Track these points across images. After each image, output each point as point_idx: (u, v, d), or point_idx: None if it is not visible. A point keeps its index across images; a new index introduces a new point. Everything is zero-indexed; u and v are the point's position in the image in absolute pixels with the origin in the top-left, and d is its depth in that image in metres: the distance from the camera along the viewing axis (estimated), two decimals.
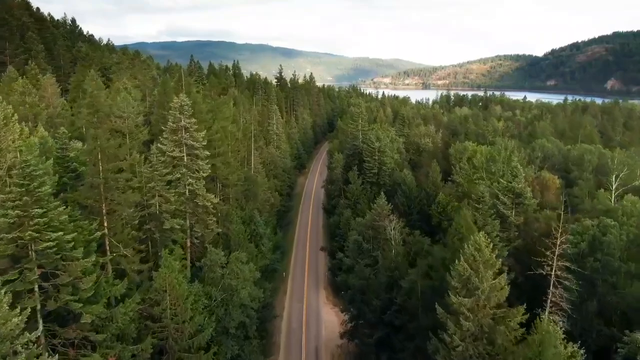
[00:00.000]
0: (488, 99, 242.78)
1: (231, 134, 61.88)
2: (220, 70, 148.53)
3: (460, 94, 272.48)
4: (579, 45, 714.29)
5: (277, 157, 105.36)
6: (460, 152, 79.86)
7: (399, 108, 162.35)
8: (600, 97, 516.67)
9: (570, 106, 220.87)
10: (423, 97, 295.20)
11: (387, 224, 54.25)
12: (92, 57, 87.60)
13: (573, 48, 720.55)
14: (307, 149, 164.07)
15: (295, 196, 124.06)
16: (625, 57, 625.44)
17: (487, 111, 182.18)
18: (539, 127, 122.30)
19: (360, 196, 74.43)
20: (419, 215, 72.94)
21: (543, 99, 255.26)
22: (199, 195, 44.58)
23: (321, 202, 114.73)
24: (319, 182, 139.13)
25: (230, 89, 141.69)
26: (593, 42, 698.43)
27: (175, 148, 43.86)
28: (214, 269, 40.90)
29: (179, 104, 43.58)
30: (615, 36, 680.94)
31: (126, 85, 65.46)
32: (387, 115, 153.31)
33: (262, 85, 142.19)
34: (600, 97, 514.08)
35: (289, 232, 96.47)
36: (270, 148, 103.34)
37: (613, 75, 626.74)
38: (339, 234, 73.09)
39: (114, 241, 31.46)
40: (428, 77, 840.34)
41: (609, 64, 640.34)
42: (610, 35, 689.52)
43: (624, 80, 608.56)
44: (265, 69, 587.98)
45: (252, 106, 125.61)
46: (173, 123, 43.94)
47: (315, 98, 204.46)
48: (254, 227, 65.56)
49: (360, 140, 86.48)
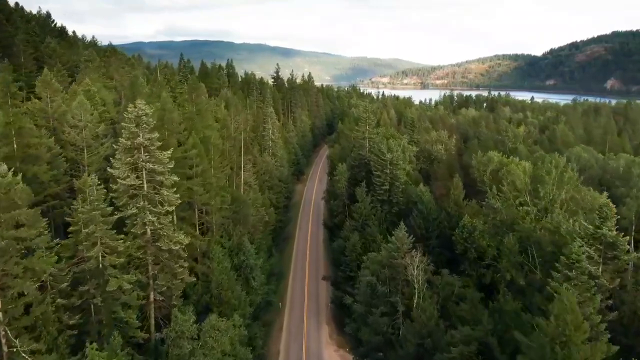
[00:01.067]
0: (493, 99, 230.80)
1: (215, 147, 49.98)
2: (213, 69, 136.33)
3: (462, 94, 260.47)
4: (578, 45, 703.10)
5: (273, 166, 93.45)
6: (484, 164, 68.20)
7: (403, 110, 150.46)
8: (600, 96, 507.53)
9: (579, 107, 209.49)
10: (425, 98, 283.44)
11: (408, 262, 42.54)
12: (60, 54, 75.40)
13: (572, 48, 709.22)
14: (305, 153, 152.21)
15: (293, 207, 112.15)
16: (625, 57, 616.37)
17: (495, 113, 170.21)
18: (559, 131, 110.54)
19: (369, 217, 62.67)
20: (439, 239, 61.32)
21: (545, 99, 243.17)
22: (164, 237, 32.73)
23: (321, 214, 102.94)
24: (319, 190, 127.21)
25: (222, 90, 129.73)
26: (592, 42, 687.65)
27: (129, 173, 31.95)
28: (180, 344, 29.09)
29: (135, 113, 31.69)
30: (615, 35, 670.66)
31: (89, 87, 53.49)
32: (391, 117, 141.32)
33: (258, 86, 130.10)
34: (600, 96, 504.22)
35: (286, 249, 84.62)
36: (265, 156, 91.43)
37: (612, 74, 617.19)
38: (345, 261, 61.32)
39: (10, 334, 19.66)
40: (426, 77, 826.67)
41: (609, 63, 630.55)
42: (610, 35, 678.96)
43: (624, 80, 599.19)
44: (263, 68, 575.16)
45: (245, 109, 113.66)
46: (127, 140, 32.04)
47: (314, 99, 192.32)
48: (244, 257, 53.81)
49: (367, 150, 74.67)
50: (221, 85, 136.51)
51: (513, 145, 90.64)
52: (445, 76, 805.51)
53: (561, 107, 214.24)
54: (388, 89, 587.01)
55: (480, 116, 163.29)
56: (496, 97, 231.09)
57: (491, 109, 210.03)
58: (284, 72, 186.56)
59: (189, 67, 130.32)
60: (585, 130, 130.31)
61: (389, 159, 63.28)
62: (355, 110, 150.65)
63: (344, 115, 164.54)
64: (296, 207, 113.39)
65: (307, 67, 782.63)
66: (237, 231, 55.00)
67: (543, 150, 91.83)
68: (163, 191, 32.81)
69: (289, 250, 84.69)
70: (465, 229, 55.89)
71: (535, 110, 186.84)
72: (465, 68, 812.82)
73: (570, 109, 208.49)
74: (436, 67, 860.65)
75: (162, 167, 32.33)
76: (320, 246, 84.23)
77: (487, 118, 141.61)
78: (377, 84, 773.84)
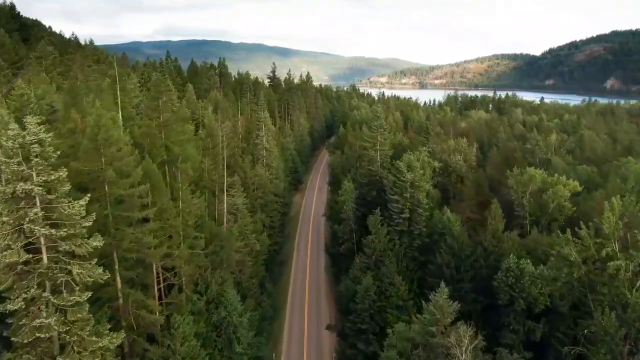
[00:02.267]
0: (500, 100, 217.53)
1: (183, 172, 36.61)
2: (203, 69, 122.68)
3: (466, 94, 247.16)
4: (577, 45, 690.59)
5: (267, 179, 80.00)
6: (524, 184, 55.06)
7: (410, 112, 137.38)
8: (600, 96, 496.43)
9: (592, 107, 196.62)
10: (428, 98, 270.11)
11: (452, 342, 29.40)
12: (9, 50, 61.98)
13: (571, 47, 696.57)
14: (304, 158, 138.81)
15: (290, 222, 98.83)
16: (625, 56, 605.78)
17: (508, 115, 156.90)
18: (587, 138, 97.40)
19: (385, 253, 49.47)
20: (473, 282, 48.19)
21: (554, 100, 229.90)
22: (77, 342, 19.41)
23: (322, 234, 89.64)
24: (319, 201, 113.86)
25: (213, 91, 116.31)
26: (592, 41, 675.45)
27: (12, 243, 18.64)
28: None
29: (20, 140, 18.43)
30: (614, 35, 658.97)
31: (24, 91, 40.10)
32: (396, 120, 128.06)
33: (251, 87, 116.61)
34: (600, 96, 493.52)
35: (282, 278, 71.34)
36: (258, 168, 78.00)
37: (612, 74, 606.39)
38: (354, 309, 48.10)
39: None
40: (425, 77, 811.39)
41: (608, 63, 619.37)
42: (609, 35, 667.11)
43: (624, 80, 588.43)
44: (261, 68, 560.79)
45: (238, 112, 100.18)
46: (7, 184, 18.75)
47: (313, 100, 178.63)
48: (225, 313, 40.56)
49: (378, 164, 61.44)
50: (211, 85, 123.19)
51: (544, 155, 77.46)
52: (444, 76, 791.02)
53: (572, 108, 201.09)
54: (386, 88, 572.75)
55: (492, 119, 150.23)
56: (503, 97, 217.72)
57: (498, 110, 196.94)
58: (281, 72, 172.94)
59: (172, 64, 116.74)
60: (609, 136, 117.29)
61: (409, 180, 49.97)
62: (358, 112, 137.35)
63: (345, 117, 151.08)
64: (294, 222, 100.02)
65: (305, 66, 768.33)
66: (216, 278, 41.72)
67: (576, 161, 78.83)
68: (72, 268, 19.51)
69: (285, 280, 71.43)
70: (510, 272, 42.94)
71: (548, 112, 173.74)
72: (464, 68, 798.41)
73: (582, 110, 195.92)
74: (435, 67, 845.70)
75: (68, 229, 19.08)
76: (322, 276, 70.99)
77: (501, 121, 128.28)
78: (376, 84, 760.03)
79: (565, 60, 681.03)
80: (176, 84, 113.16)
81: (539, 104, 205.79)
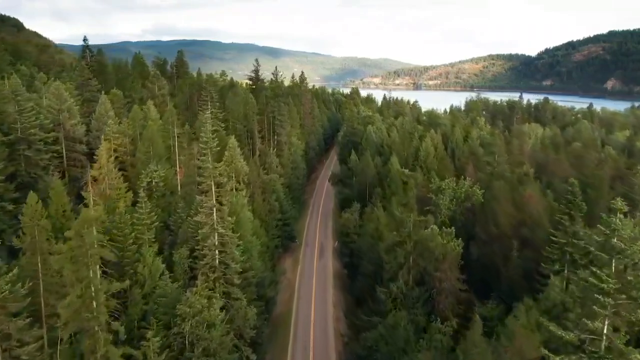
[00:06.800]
0: (536, 106, 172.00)
1: None
2: (136, 63, 75.67)
3: (488, 98, 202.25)
4: (574, 45, 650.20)
5: (229, 277, 34.55)
6: None
7: (450, 133, 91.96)
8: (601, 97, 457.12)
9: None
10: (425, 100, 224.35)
11: None
12: None
13: (569, 47, 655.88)
14: (296, 194, 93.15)
15: (271, 338, 53.10)
16: (624, 56, 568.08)
17: (575, 130, 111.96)
18: None
19: None
20: None
21: (604, 107, 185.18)
22: None
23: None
24: (321, 280, 67.58)
25: (150, 100, 69.75)
26: (589, 41, 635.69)
27: None
28: None
29: None
30: (611, 35, 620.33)
31: None
32: (436, 144, 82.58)
33: (212, 94, 69.95)
34: (601, 97, 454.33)
35: None
36: (205, 284, 32.39)
37: (612, 74, 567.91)
38: None
39: None
40: (419, 77, 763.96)
41: (607, 63, 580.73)
42: (606, 34, 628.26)
43: (624, 80, 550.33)
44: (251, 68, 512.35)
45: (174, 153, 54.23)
46: None
47: (308, 107, 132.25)
48: None
49: None
50: (154, 93, 76.55)
51: None
52: (439, 76, 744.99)
53: (624, 116, 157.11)
54: (380, 89, 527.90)
55: (554, 135, 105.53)
56: (538, 102, 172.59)
57: (537, 119, 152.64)
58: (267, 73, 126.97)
59: (94, 60, 70.61)
60: None
61: None
62: (375, 130, 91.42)
63: (354, 135, 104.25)
64: (278, 338, 53.50)
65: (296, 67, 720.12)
66: None
67: None
68: None
69: None
70: None
71: (613, 124, 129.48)
72: (459, 68, 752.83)
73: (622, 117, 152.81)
74: (429, 67, 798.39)
75: None
76: None
77: (589, 148, 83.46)
78: (369, 85, 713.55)
79: (562, 60, 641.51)
80: (91, 90, 66.96)
81: (590, 111, 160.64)
